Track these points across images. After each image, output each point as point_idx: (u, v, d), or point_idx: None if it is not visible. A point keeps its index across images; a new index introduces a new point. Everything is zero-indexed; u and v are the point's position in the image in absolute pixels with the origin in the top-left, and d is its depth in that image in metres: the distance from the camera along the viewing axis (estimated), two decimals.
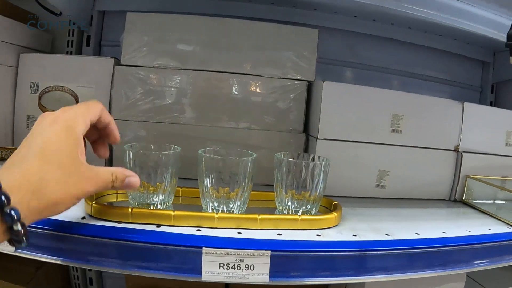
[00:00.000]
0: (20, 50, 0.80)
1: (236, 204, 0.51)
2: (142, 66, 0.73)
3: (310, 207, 0.55)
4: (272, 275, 0.45)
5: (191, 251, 0.44)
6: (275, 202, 0.58)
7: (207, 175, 0.51)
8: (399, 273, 0.50)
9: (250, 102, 0.75)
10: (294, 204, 0.54)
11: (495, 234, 0.59)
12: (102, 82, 0.75)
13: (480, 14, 0.88)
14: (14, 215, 0.32)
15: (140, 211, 0.48)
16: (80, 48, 0.96)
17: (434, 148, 0.75)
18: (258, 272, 0.45)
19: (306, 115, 0.77)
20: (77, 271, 1.02)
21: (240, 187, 0.51)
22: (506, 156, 0.80)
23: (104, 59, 0.76)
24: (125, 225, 0.47)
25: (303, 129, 0.77)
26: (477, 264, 0.56)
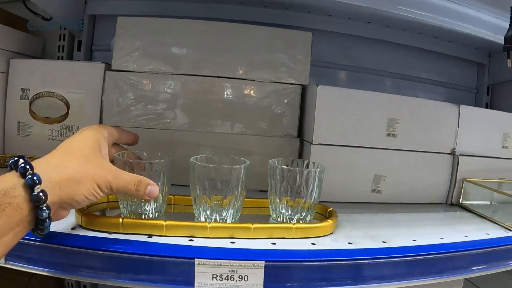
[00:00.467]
0: (11, 55, 0.78)
1: (230, 212, 0.50)
2: (133, 71, 0.72)
3: (305, 215, 0.54)
4: (267, 286, 0.44)
5: (183, 262, 0.43)
6: (268, 209, 0.57)
7: (199, 183, 0.49)
8: (396, 281, 0.49)
9: (243, 107, 0.74)
10: (288, 212, 0.53)
11: (493, 239, 0.58)
12: (93, 88, 0.74)
13: (475, 15, 0.88)
14: (36, 179, 0.34)
15: (131, 221, 0.47)
16: (71, 52, 0.95)
17: (430, 152, 0.74)
18: (252, 283, 0.44)
19: (300, 119, 0.76)
20: None
21: (233, 195, 0.50)
22: (503, 159, 0.79)
23: (94, 64, 0.75)
24: (115, 235, 0.46)
25: (297, 134, 0.76)
26: (475, 270, 0.55)
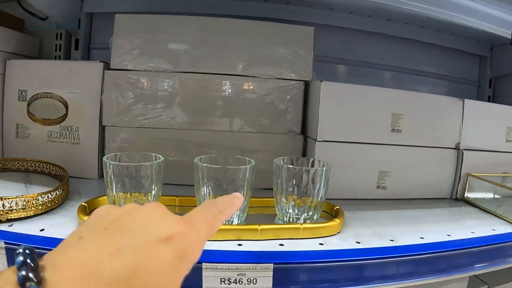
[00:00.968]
0: (7, 56, 0.77)
1: (236, 213, 0.49)
2: (132, 70, 0.71)
3: (312, 214, 0.53)
4: None
5: None
6: (273, 209, 0.56)
7: (205, 184, 0.48)
8: (405, 280, 0.49)
9: (246, 104, 0.73)
10: (295, 211, 0.53)
11: (499, 235, 0.58)
12: (91, 88, 0.72)
13: (477, 8, 0.87)
14: None
15: None
16: (68, 52, 0.93)
17: (434, 147, 0.74)
18: (261, 286, 0.43)
19: (304, 116, 0.75)
20: None
21: None
22: (507, 153, 0.79)
23: (93, 63, 0.73)
24: None
25: (301, 130, 0.75)
26: (482, 266, 0.55)
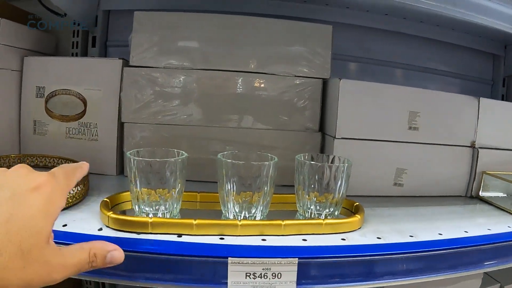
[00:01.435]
0: (24, 53, 0.77)
1: (259, 209, 0.50)
2: (151, 67, 0.71)
3: (333, 210, 0.53)
4: (300, 283, 0.44)
5: (216, 261, 0.43)
6: (293, 204, 0.57)
7: (229, 180, 0.49)
8: (425, 275, 0.49)
9: (264, 101, 0.73)
10: (316, 207, 0.53)
11: None
12: (110, 85, 0.73)
13: (492, 7, 0.87)
14: None
15: (160, 220, 0.46)
16: (85, 49, 0.94)
17: (450, 145, 0.74)
18: (285, 280, 0.43)
19: (321, 113, 0.75)
20: None
21: (262, 192, 0.49)
22: None
23: (112, 60, 0.73)
24: (144, 236, 0.46)
25: (319, 128, 0.75)
26: (497, 262, 0.55)
